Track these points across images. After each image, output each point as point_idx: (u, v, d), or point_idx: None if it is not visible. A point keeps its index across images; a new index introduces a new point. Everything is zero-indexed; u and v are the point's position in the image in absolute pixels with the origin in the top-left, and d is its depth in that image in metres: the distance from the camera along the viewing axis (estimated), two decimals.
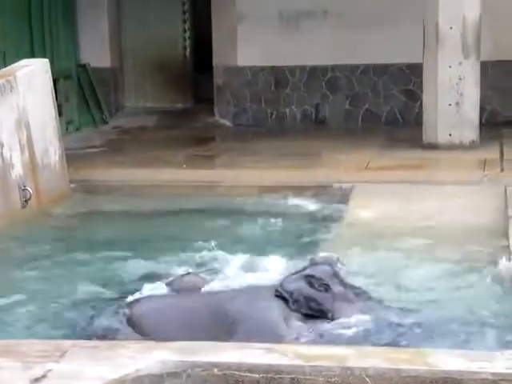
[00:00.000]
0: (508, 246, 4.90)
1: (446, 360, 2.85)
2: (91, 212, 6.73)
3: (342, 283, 3.98)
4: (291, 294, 3.81)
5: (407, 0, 9.95)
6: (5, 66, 7.66)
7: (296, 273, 3.99)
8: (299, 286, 3.82)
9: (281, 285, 3.88)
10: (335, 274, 4.01)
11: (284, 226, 6.06)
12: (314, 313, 3.76)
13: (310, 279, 3.87)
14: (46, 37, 10.34)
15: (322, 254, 4.38)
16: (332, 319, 3.75)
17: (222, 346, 3.09)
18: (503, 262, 4.59)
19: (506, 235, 5.18)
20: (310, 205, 6.59)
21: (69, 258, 5.45)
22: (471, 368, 2.78)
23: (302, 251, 5.12)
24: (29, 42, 10.08)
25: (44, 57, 8.65)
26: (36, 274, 5.06)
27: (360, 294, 4.00)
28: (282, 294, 3.82)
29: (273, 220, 6.16)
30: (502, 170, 7.37)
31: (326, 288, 3.85)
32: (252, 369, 2.82)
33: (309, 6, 10.73)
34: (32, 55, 9.42)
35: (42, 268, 5.19)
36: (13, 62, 7.23)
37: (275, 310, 3.73)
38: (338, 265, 4.33)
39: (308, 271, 3.95)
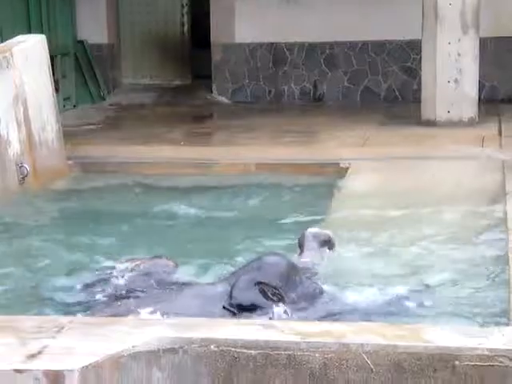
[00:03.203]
0: (505, 221, 4.89)
1: (443, 336, 2.85)
2: (88, 188, 6.72)
3: (298, 278, 3.70)
4: (242, 306, 3.51)
5: None
6: (1, 42, 7.60)
7: (244, 268, 3.71)
8: (251, 297, 3.53)
9: (231, 294, 3.56)
10: (290, 267, 3.72)
11: (282, 201, 6.06)
12: None
13: (262, 287, 3.56)
14: (43, 13, 10.28)
15: (313, 229, 4.25)
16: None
17: (219, 322, 3.09)
18: None
19: (503, 210, 5.17)
20: (310, 180, 6.59)
21: (64, 233, 5.46)
22: (468, 344, 2.78)
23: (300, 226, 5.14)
24: (26, 17, 10.02)
25: (41, 33, 8.58)
26: (30, 249, 5.07)
27: (317, 288, 3.75)
28: (231, 307, 3.51)
29: (268, 195, 6.17)
30: (501, 147, 7.35)
31: (279, 298, 3.56)
32: (248, 345, 2.82)
33: None
34: (29, 31, 9.36)
35: (36, 244, 5.20)
36: (9, 38, 7.17)
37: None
38: (330, 240, 4.23)
39: (258, 274, 3.60)
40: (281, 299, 3.54)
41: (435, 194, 5.73)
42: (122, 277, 4.11)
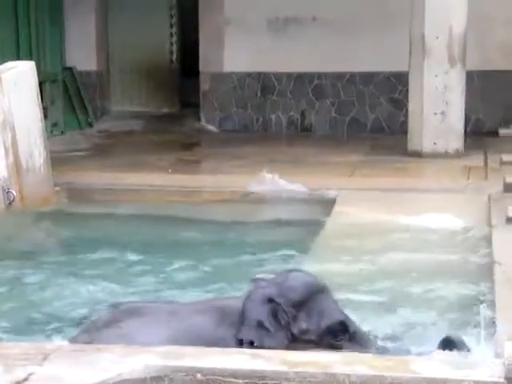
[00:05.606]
0: (491, 254, 4.91)
1: (430, 367, 2.85)
2: (74, 215, 6.71)
3: (322, 302, 3.39)
4: (253, 321, 3.30)
5: (394, 9, 9.99)
6: None
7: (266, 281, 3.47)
8: (260, 314, 3.30)
9: (243, 310, 3.34)
10: (316, 287, 3.41)
11: (267, 232, 6.06)
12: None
13: (275, 306, 3.33)
14: (32, 39, 10.31)
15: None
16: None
17: (206, 350, 3.08)
18: None
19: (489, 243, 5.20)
20: (296, 210, 6.60)
21: (47, 260, 5.44)
22: (454, 375, 2.78)
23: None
24: (15, 44, 10.05)
25: (30, 59, 8.61)
26: (11, 275, 5.04)
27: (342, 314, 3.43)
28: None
29: (255, 225, 6.18)
30: (486, 179, 7.40)
31: (286, 324, 3.31)
32: (235, 374, 2.81)
33: (297, 13, 10.75)
34: (18, 58, 9.38)
35: (19, 269, 5.17)
36: None
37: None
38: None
39: (275, 290, 3.37)
40: (288, 324, 3.32)
41: (420, 232, 5.75)
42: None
